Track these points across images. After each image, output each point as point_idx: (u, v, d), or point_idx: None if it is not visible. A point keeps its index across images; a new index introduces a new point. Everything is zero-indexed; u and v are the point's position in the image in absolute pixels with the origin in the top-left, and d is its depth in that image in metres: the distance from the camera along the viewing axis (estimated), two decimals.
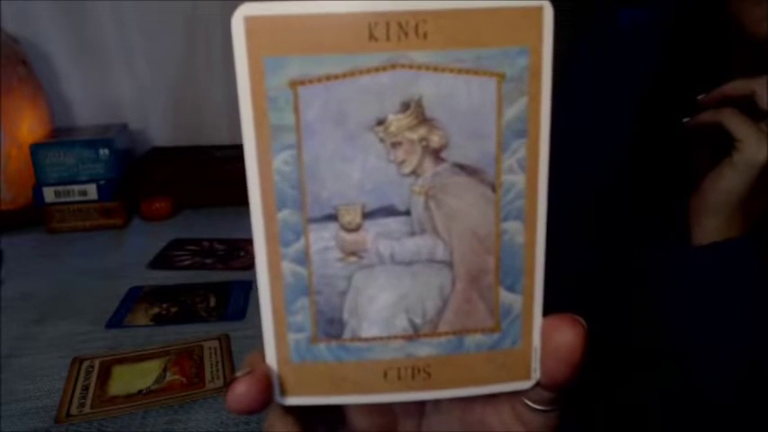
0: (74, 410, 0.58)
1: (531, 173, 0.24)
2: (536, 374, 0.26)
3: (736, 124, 0.45)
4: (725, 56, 0.51)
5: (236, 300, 0.78)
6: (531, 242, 0.25)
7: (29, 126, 1.04)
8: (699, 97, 0.48)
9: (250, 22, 0.22)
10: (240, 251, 0.93)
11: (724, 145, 0.46)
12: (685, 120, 0.49)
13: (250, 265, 0.88)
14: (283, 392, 0.26)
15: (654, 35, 0.55)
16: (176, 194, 1.08)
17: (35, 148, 1.02)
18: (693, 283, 0.47)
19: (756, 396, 0.45)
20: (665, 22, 0.55)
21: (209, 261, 0.90)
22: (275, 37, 0.22)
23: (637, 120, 0.54)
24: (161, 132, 1.24)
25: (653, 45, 0.55)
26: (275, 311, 0.25)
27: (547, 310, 0.26)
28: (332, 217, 0.24)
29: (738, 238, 0.46)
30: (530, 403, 0.27)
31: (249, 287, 0.81)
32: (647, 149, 0.53)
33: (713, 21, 0.49)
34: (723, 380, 0.46)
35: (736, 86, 0.46)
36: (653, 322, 0.49)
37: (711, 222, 0.47)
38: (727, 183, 0.46)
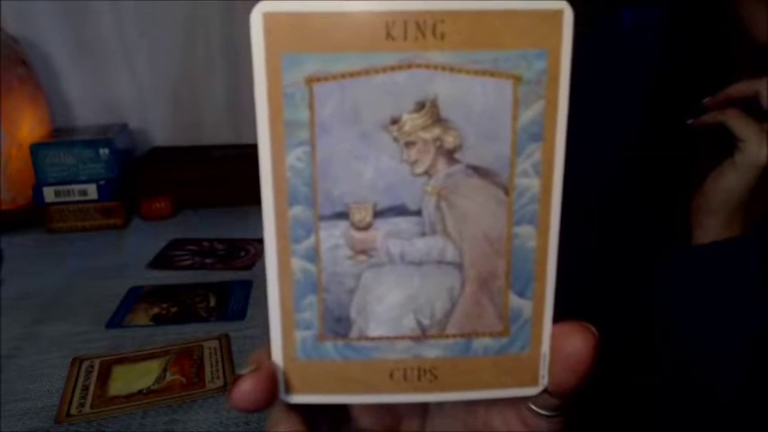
0: (74, 410, 0.57)
1: (545, 177, 0.24)
2: (544, 381, 0.26)
3: (739, 125, 0.45)
4: (727, 55, 0.51)
5: (236, 300, 0.78)
6: (543, 247, 0.25)
7: (29, 126, 1.04)
8: (704, 101, 0.48)
9: (269, 18, 0.22)
10: (240, 251, 0.93)
11: (727, 145, 0.46)
12: (690, 121, 0.49)
13: (250, 265, 0.88)
14: (288, 390, 0.26)
15: (657, 34, 0.56)
16: (176, 194, 1.08)
17: (35, 148, 1.01)
18: (693, 282, 0.47)
19: (757, 396, 0.45)
20: (667, 22, 0.55)
21: (209, 261, 0.90)
22: (293, 34, 0.22)
23: (640, 119, 0.54)
24: (161, 132, 1.24)
25: (656, 44, 0.55)
26: (283, 308, 0.25)
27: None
28: (343, 215, 0.24)
29: (738, 238, 0.46)
30: (535, 408, 0.27)
31: (249, 287, 0.81)
32: (650, 149, 0.53)
33: (716, 21, 0.50)
34: (723, 379, 0.46)
35: (741, 88, 0.46)
36: (653, 321, 0.49)
37: (712, 222, 0.47)
38: (729, 182, 0.46)
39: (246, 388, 0.24)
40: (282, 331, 0.25)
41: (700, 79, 0.51)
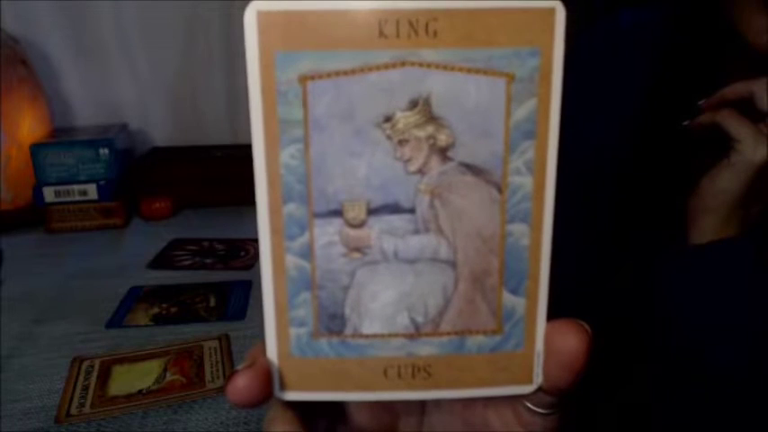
0: (74, 410, 0.58)
1: (538, 175, 0.24)
2: (538, 379, 0.26)
3: (735, 125, 0.45)
4: (723, 57, 0.51)
5: (236, 300, 0.78)
6: (536, 245, 0.25)
7: (29, 126, 1.04)
8: (700, 102, 0.48)
9: (262, 16, 0.22)
10: (240, 251, 0.93)
11: (723, 146, 0.46)
12: (685, 122, 0.50)
13: (250, 265, 0.88)
14: (283, 387, 0.26)
15: (655, 35, 0.56)
16: (176, 194, 1.08)
17: (35, 148, 1.02)
18: (690, 282, 0.47)
19: (755, 394, 0.45)
20: (665, 23, 0.55)
21: (209, 261, 0.90)
22: (286, 32, 0.22)
23: (637, 120, 0.54)
24: (161, 132, 1.24)
25: (654, 45, 0.55)
26: (277, 305, 0.25)
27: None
28: (337, 212, 0.24)
29: (735, 238, 0.46)
30: (530, 406, 0.27)
31: (249, 287, 0.81)
32: (647, 150, 0.53)
33: (713, 23, 0.50)
34: (721, 377, 0.46)
35: (736, 89, 0.47)
36: (651, 320, 0.49)
37: (708, 222, 0.47)
38: (725, 183, 0.46)
39: (241, 384, 0.24)
40: (277, 328, 0.25)
41: (696, 80, 0.51)
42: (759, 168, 0.45)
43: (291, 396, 0.26)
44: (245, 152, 0.23)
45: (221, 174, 1.08)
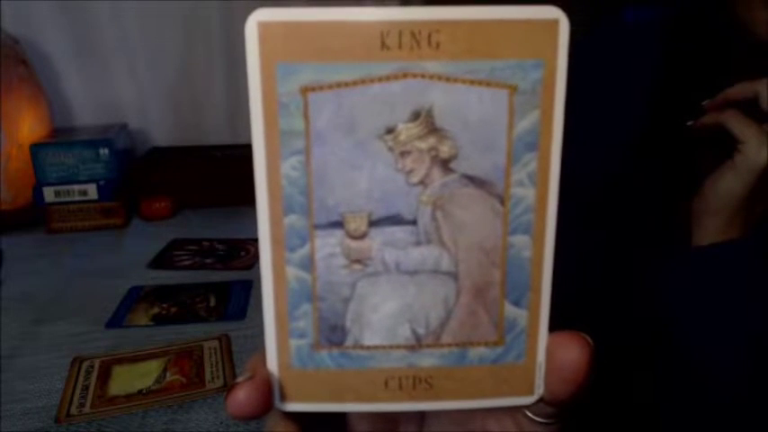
0: (74, 410, 0.58)
1: (541, 187, 0.24)
2: (539, 390, 0.26)
3: (739, 126, 0.45)
4: (729, 56, 0.51)
5: (236, 300, 0.78)
6: (538, 257, 0.24)
7: (29, 126, 1.04)
8: (703, 102, 0.48)
9: (263, 27, 0.22)
10: (240, 251, 0.93)
11: (727, 147, 0.46)
12: (689, 123, 0.49)
13: (250, 265, 0.88)
14: (283, 398, 0.26)
15: (659, 34, 0.55)
16: (176, 194, 1.08)
17: (35, 148, 1.02)
18: (693, 284, 0.47)
19: (757, 396, 0.45)
20: (669, 22, 0.55)
21: (209, 261, 0.91)
22: (288, 43, 0.22)
23: (640, 120, 0.54)
24: (161, 132, 1.24)
25: (657, 44, 0.55)
26: (278, 316, 0.25)
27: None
28: (338, 224, 0.24)
29: (738, 239, 0.46)
30: (531, 415, 0.27)
31: (249, 287, 0.81)
32: (651, 150, 0.53)
33: (718, 21, 0.49)
34: (722, 380, 0.46)
35: (740, 89, 0.46)
36: (653, 322, 0.49)
37: (712, 223, 0.47)
38: (728, 184, 0.46)
39: (241, 396, 0.24)
40: (277, 339, 0.25)
41: (700, 80, 0.51)
42: (763, 169, 0.45)
43: (292, 407, 0.26)
44: (244, 152, 0.23)
45: (221, 174, 1.08)
